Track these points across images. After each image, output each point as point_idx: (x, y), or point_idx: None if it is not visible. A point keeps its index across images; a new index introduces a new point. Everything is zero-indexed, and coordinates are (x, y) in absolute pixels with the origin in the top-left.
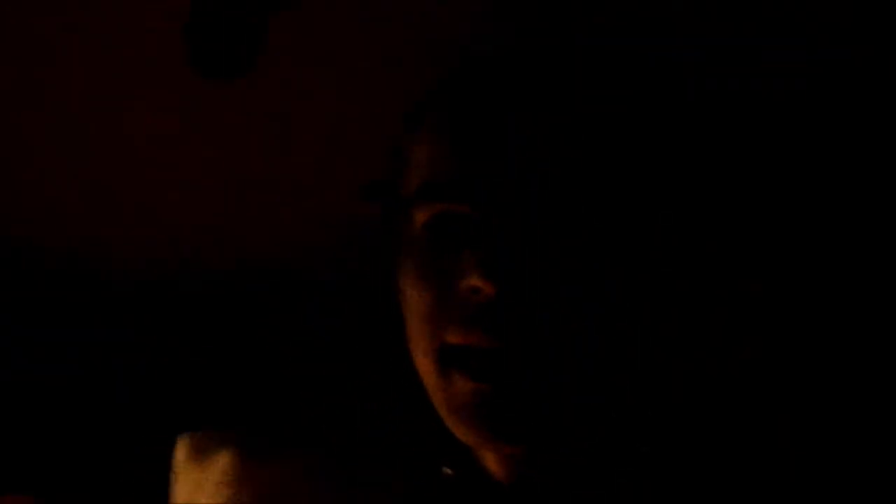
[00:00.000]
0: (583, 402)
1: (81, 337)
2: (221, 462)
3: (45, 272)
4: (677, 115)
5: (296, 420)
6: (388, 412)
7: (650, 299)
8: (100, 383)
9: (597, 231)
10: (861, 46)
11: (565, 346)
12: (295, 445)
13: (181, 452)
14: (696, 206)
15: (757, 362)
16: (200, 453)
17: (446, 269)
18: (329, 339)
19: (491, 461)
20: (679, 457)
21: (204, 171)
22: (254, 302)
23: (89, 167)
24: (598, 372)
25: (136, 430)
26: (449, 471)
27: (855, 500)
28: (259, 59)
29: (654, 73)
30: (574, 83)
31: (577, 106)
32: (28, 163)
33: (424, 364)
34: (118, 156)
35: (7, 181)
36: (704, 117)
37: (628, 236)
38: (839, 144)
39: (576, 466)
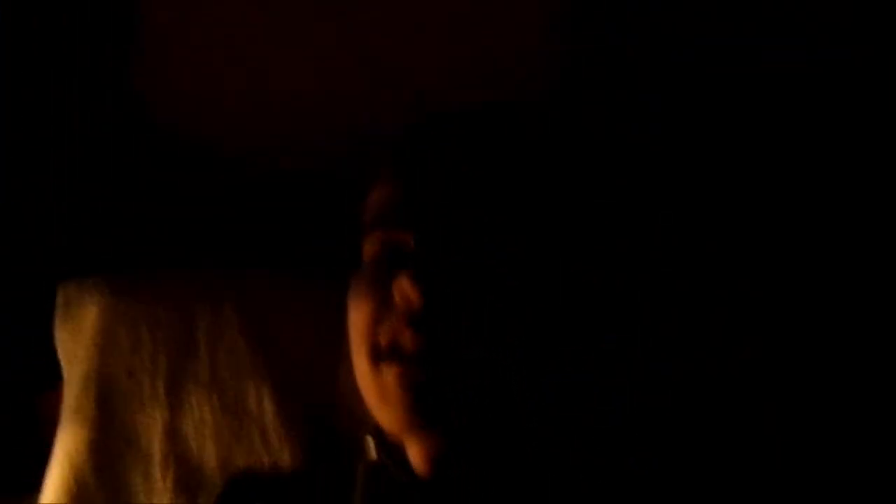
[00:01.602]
0: (499, 399)
1: None
2: (92, 314)
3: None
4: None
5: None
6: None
7: (649, 299)
8: None
9: (514, 253)
10: (861, 46)
11: (483, 347)
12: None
13: (58, 302)
14: (696, 206)
15: (757, 362)
16: (74, 301)
17: (383, 287)
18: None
19: (414, 453)
20: (678, 457)
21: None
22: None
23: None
24: (512, 374)
25: None
26: (373, 455)
27: (855, 500)
28: None
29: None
30: (491, 142)
31: (495, 159)
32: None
33: (360, 364)
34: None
35: None
36: (704, 117)
37: (545, 252)
38: (839, 144)
39: (492, 468)
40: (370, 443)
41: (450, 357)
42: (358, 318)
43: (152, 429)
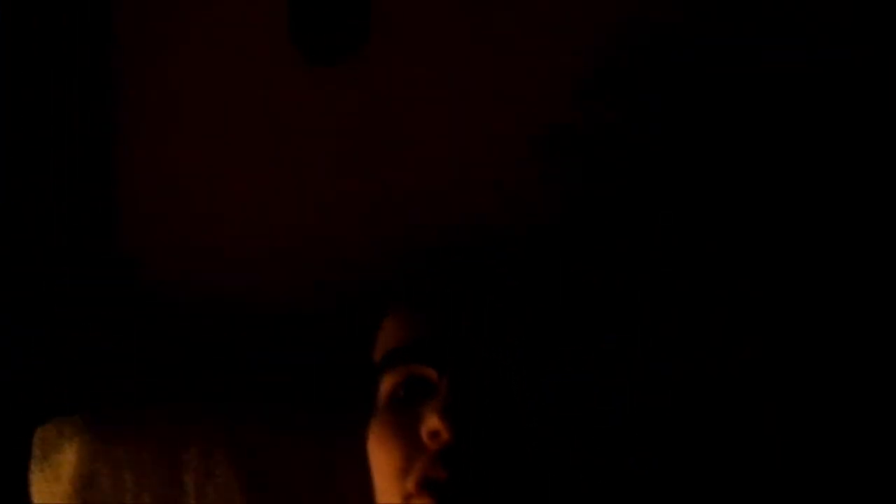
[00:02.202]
0: None
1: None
2: (71, 459)
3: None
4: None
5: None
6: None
7: (649, 299)
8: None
9: (535, 381)
10: (861, 46)
11: (520, 482)
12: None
13: (35, 448)
14: (696, 206)
15: (757, 362)
16: (51, 447)
17: (408, 426)
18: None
19: None
20: (678, 457)
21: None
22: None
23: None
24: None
25: None
26: None
27: (855, 500)
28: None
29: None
30: (492, 275)
31: (508, 287)
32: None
33: None
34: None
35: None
36: (704, 117)
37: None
38: (839, 144)
39: None
40: None
41: (483, 493)
42: (387, 463)
43: None
